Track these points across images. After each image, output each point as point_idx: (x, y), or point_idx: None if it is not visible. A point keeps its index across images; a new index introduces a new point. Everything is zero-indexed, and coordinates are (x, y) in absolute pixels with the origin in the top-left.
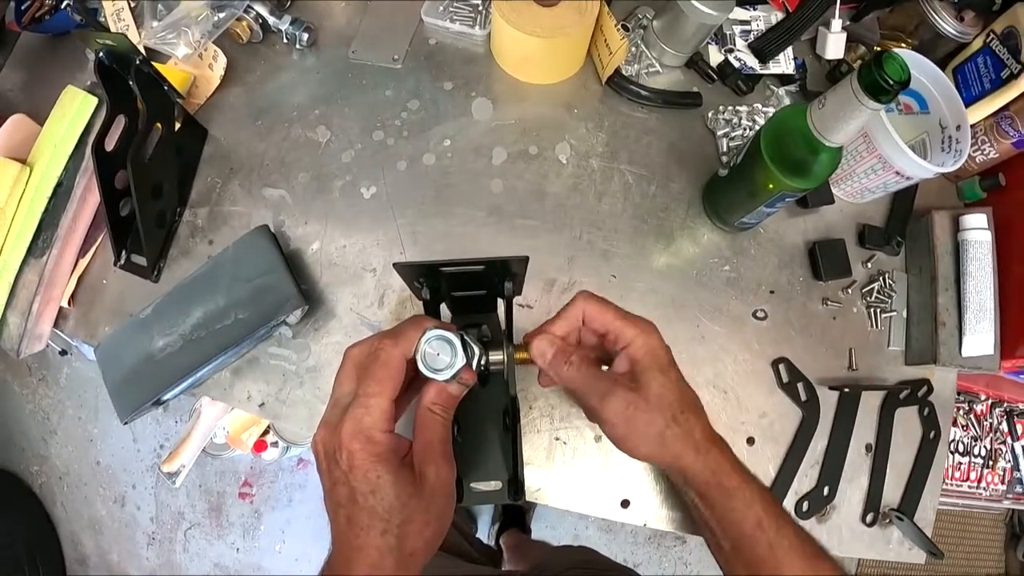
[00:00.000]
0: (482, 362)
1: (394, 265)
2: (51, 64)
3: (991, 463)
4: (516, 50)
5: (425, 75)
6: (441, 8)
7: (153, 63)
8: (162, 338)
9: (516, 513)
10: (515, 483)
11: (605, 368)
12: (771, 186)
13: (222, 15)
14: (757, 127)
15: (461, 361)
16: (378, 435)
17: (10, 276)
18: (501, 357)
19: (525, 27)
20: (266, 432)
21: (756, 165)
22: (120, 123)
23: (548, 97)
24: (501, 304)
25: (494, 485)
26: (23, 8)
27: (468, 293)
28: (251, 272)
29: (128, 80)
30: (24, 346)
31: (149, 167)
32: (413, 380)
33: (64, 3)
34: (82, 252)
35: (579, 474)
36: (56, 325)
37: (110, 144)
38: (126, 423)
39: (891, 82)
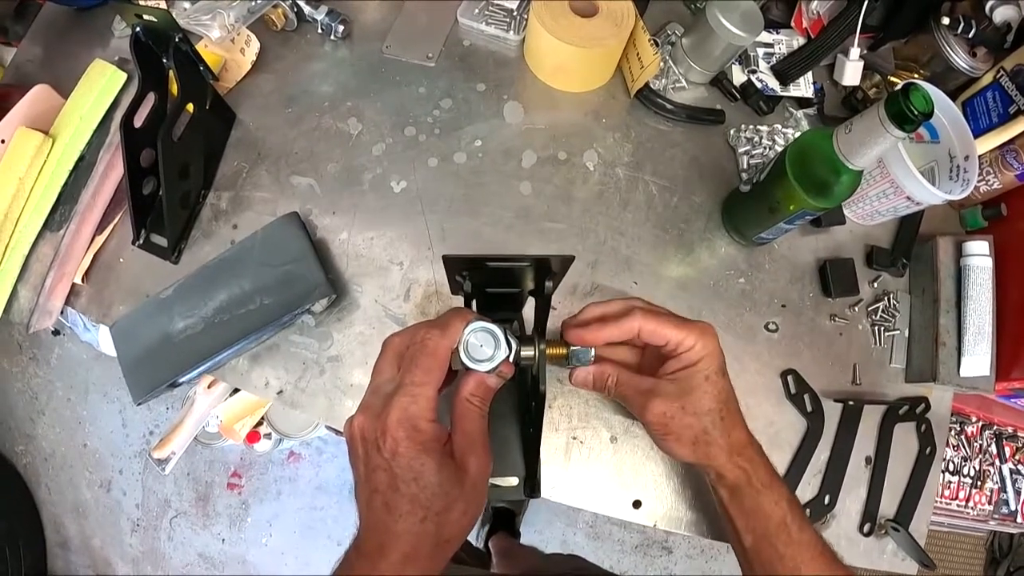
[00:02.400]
0: (515, 357)
1: (443, 257)
2: (73, 38)
3: (979, 483)
4: (551, 57)
5: (458, 75)
6: (477, 10)
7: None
8: (183, 320)
9: (506, 516)
10: (532, 480)
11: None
12: (792, 204)
13: (259, 1)
14: (776, 146)
15: (503, 353)
16: (423, 424)
17: (24, 248)
18: (532, 353)
19: (563, 35)
20: (259, 423)
21: (779, 183)
22: (150, 100)
23: (578, 105)
24: (530, 302)
25: (511, 481)
26: None
27: (501, 291)
28: (279, 258)
29: (163, 58)
30: (34, 320)
31: (178, 147)
32: (448, 373)
33: None
34: (99, 229)
35: (593, 474)
36: (68, 302)
37: (139, 121)
38: (139, 403)
39: (916, 112)
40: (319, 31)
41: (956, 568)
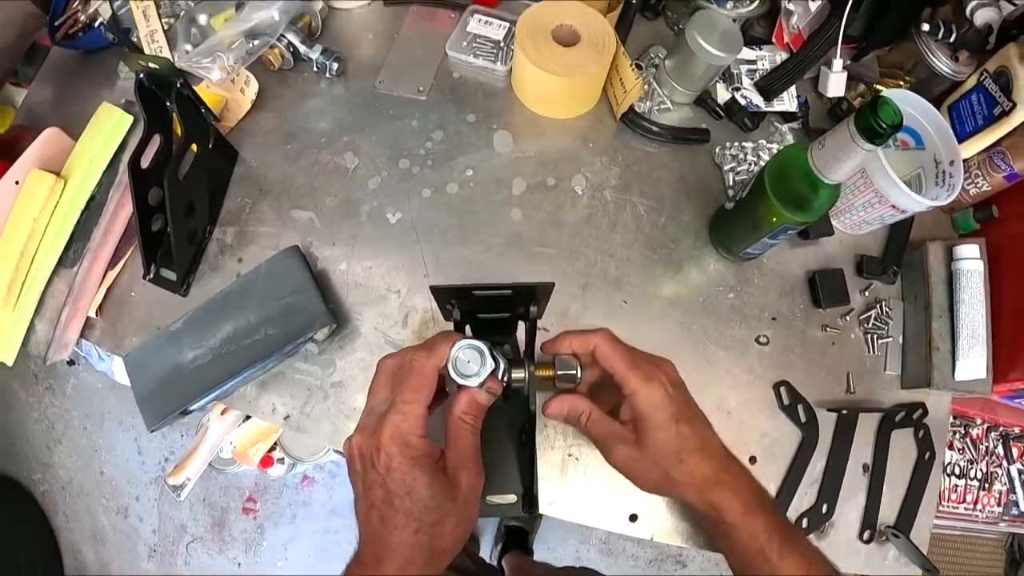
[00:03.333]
0: (505, 377)
1: (430, 288)
2: (81, 80)
3: (987, 485)
4: (536, 86)
5: (449, 107)
6: (465, 43)
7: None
8: (192, 350)
9: (519, 534)
10: (529, 497)
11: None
12: (774, 219)
13: (256, 43)
14: (761, 162)
15: (489, 367)
16: (414, 440)
17: (40, 285)
18: (523, 375)
19: (546, 65)
20: (273, 448)
21: (760, 200)
22: (155, 142)
23: (565, 131)
24: (521, 327)
25: (509, 498)
26: (57, 24)
27: (492, 316)
28: (282, 290)
29: (166, 101)
30: (51, 353)
31: (183, 186)
32: (438, 392)
33: (98, 22)
34: (111, 264)
35: (590, 489)
36: (83, 334)
37: (145, 162)
38: (153, 431)
39: (884, 126)
40: (315, 69)
41: (975, 571)
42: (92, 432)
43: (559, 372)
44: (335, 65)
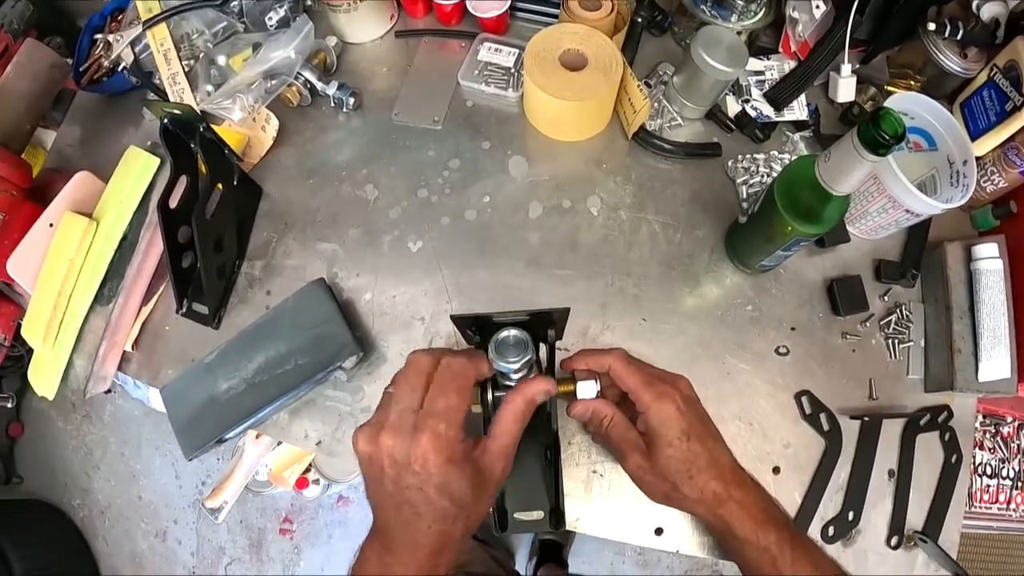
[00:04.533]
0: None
1: (451, 317)
2: (107, 122)
3: (1020, 484)
4: (547, 112)
5: (464, 135)
6: (476, 71)
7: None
8: (226, 381)
9: (553, 548)
10: (556, 513)
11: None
12: (786, 232)
13: (274, 82)
14: (774, 173)
15: (531, 354)
16: (456, 444)
17: (77, 322)
18: None
19: (555, 91)
20: (308, 470)
21: (771, 213)
22: (182, 182)
23: (579, 153)
24: (542, 348)
25: (537, 515)
26: (81, 70)
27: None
28: (310, 321)
29: (190, 144)
30: (90, 387)
31: (211, 223)
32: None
33: (121, 66)
34: (145, 300)
35: (615, 504)
36: (120, 367)
37: (174, 202)
38: (191, 459)
39: (887, 137)
40: (332, 104)
41: (1015, 571)
42: (130, 458)
43: (580, 395)
44: (351, 99)
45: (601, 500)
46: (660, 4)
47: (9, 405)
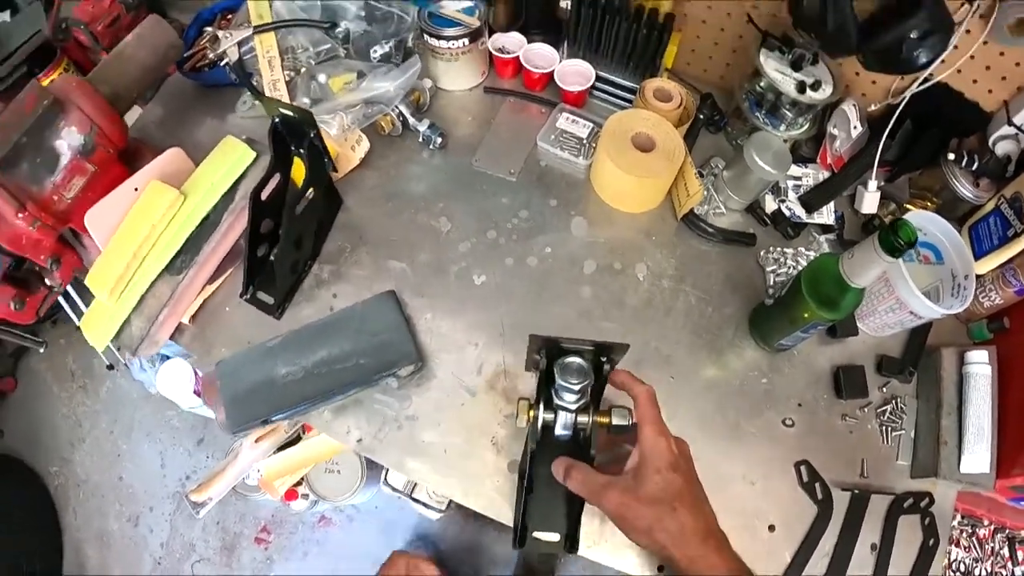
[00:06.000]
0: (576, 421)
1: (530, 336)
2: (195, 109)
3: None
4: (614, 183)
5: (535, 190)
6: (553, 136)
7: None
8: (286, 367)
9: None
10: (573, 538)
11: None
12: (807, 315)
13: (373, 109)
14: (799, 267)
15: (590, 379)
16: None
17: (144, 285)
18: (587, 419)
19: (624, 166)
20: (299, 483)
21: (796, 298)
22: (275, 179)
23: (633, 224)
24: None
25: (554, 536)
26: (185, 56)
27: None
28: (376, 327)
29: (291, 146)
30: (142, 348)
31: (297, 221)
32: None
33: (224, 61)
34: (212, 279)
35: (623, 537)
36: (172, 336)
37: (264, 195)
38: (234, 434)
39: (902, 243)
40: (420, 140)
41: None
42: (118, 437)
43: (614, 423)
44: (439, 139)
45: (611, 531)
46: (720, 106)
47: (41, 351)
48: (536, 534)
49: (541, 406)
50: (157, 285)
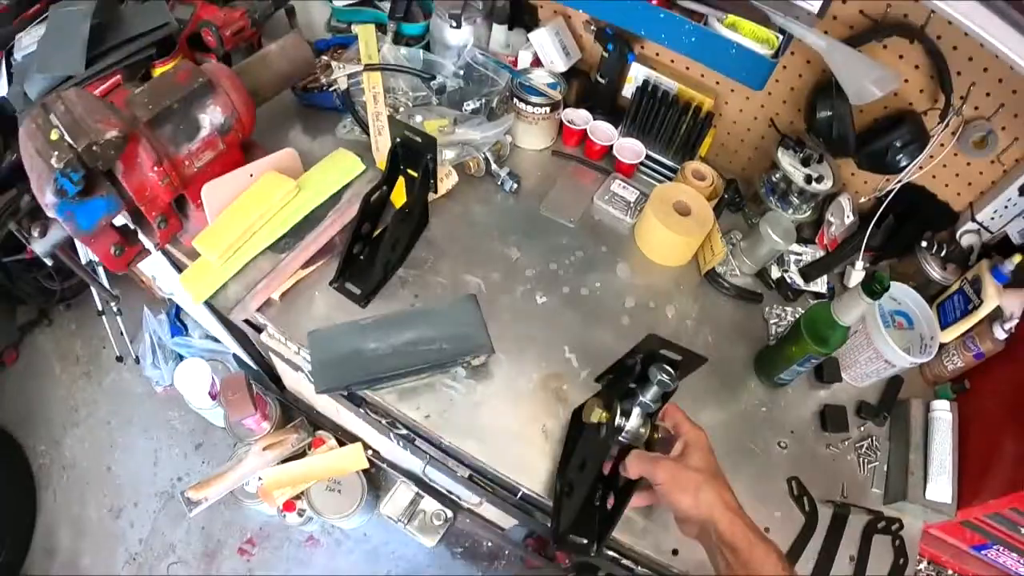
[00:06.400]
0: (632, 424)
1: (648, 336)
2: (293, 124)
3: None
4: (655, 237)
5: (590, 237)
6: (607, 196)
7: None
8: (375, 343)
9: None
10: (600, 543)
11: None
12: (803, 350)
13: (465, 151)
14: None
15: (675, 386)
16: None
17: (249, 255)
18: (645, 431)
19: (667, 224)
20: (299, 497)
21: (795, 336)
22: (383, 189)
23: (666, 274)
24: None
25: (584, 540)
26: None
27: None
28: (459, 320)
29: (400, 165)
30: (235, 310)
31: (398, 227)
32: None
33: (332, 88)
34: (307, 264)
35: (643, 523)
36: (260, 308)
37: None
38: (320, 393)
39: (879, 288)
40: (498, 183)
41: None
42: (114, 428)
43: (660, 437)
44: (515, 185)
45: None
46: (740, 190)
47: (114, 306)
48: (571, 537)
49: (617, 407)
50: (260, 259)
